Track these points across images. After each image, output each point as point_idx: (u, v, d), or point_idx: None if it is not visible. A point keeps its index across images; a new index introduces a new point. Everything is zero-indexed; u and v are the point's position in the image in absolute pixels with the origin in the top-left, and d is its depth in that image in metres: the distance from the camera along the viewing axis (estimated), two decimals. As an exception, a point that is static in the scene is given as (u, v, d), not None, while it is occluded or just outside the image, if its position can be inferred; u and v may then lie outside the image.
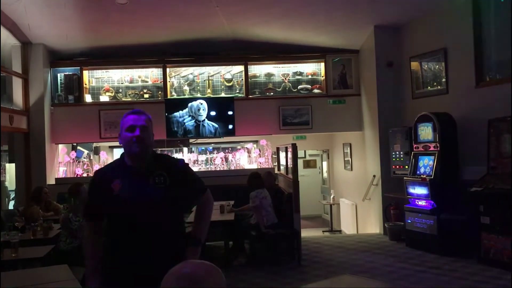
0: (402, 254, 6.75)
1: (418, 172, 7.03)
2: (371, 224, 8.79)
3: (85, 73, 9.03)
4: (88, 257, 2.50)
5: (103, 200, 2.43)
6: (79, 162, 8.83)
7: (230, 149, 9.50)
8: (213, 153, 9.29)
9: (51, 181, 8.39)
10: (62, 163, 8.81)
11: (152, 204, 2.39)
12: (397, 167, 7.73)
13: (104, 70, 9.18)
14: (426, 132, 6.95)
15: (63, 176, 8.66)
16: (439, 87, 7.44)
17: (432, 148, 6.85)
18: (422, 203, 6.85)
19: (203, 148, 10.12)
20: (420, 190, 6.85)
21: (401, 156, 7.65)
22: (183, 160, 2.68)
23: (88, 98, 8.99)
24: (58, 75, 8.98)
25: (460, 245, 6.45)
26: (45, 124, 8.48)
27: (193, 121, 8.60)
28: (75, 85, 8.90)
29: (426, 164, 6.93)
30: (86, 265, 2.51)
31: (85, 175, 8.53)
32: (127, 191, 2.39)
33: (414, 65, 7.92)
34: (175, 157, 3.75)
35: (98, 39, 8.52)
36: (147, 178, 2.43)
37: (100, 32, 8.22)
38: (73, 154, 8.78)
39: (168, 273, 1.44)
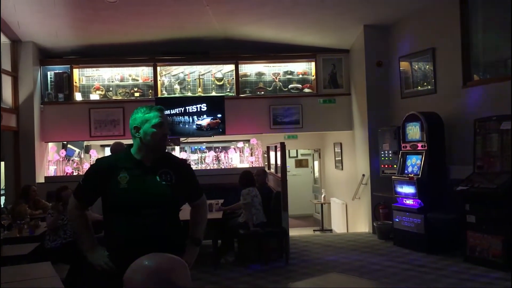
0: (389, 252, 6.79)
1: (406, 171, 7.07)
2: (361, 223, 8.83)
3: (75, 71, 9.01)
4: (82, 238, 2.56)
5: (105, 190, 2.45)
6: (69, 160, 8.81)
7: (220, 148, 9.51)
8: (205, 152, 9.30)
9: (40, 179, 8.36)
10: (52, 161, 8.79)
11: (157, 199, 2.45)
12: (386, 166, 7.77)
13: (94, 69, 9.16)
14: (414, 131, 7.00)
15: (53, 175, 8.64)
16: (429, 87, 7.49)
17: (420, 148, 6.89)
18: (409, 202, 6.89)
19: (196, 147, 10.13)
20: (408, 189, 6.90)
21: (390, 155, 7.69)
22: (185, 159, 2.76)
23: (78, 97, 8.98)
24: (48, 73, 8.95)
25: (446, 243, 6.51)
26: (35, 122, 8.45)
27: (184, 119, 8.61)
28: (65, 83, 8.88)
29: (414, 163, 6.97)
30: (83, 247, 2.53)
31: (75, 173, 8.52)
32: (134, 184, 2.43)
33: (404, 64, 7.96)
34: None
35: (88, 37, 8.51)
36: (154, 174, 2.48)
37: (91, 30, 8.21)
38: (63, 152, 8.76)
39: (130, 267, 1.45)
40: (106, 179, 2.43)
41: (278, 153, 7.29)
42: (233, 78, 9.13)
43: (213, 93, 9.09)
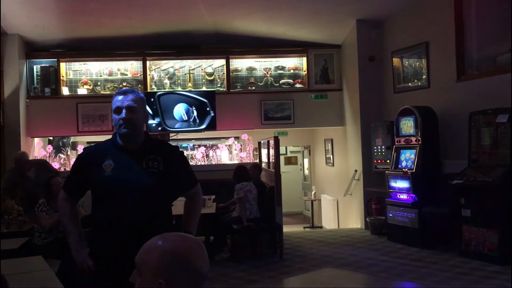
0: (383, 247, 6.74)
1: (399, 166, 7.04)
2: (353, 219, 8.79)
3: (62, 65, 8.80)
4: (69, 231, 2.45)
5: (91, 179, 2.36)
6: (56, 156, 8.62)
7: (210, 145, 9.40)
8: (195, 150, 9.17)
9: (26, 175, 8.14)
10: (38, 157, 8.57)
11: (143, 187, 2.32)
12: (379, 161, 7.73)
13: (82, 63, 8.96)
14: (407, 125, 6.96)
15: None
16: (419, 83, 7.47)
17: (413, 142, 6.86)
18: (403, 196, 6.85)
19: (185, 145, 9.99)
20: (402, 184, 6.86)
21: (383, 150, 7.66)
22: (178, 146, 2.63)
23: (65, 91, 8.78)
24: (34, 67, 8.72)
25: (441, 238, 6.49)
26: (21, 117, 8.23)
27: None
28: (51, 77, 8.66)
29: (408, 157, 6.94)
30: (69, 241, 2.44)
31: (62, 169, 8.32)
32: (119, 172, 2.33)
33: (396, 61, 7.93)
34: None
35: (76, 30, 8.32)
36: (140, 160, 2.36)
37: (78, 23, 8.02)
38: (50, 148, 8.56)
39: (143, 248, 1.34)
40: (92, 168, 2.35)
41: (271, 148, 7.21)
42: (224, 73, 9.01)
43: (204, 88, 8.97)
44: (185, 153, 9.05)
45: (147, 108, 2.51)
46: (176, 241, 1.34)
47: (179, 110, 8.49)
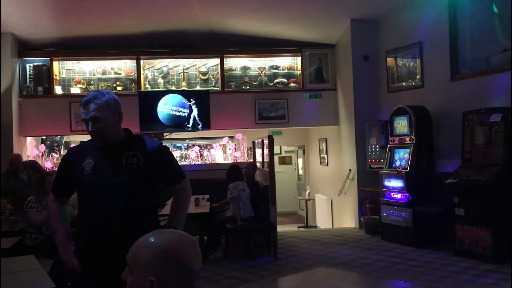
0: (378, 247, 6.75)
1: (393, 165, 7.04)
2: (347, 219, 8.79)
3: (55, 64, 8.75)
4: (56, 231, 2.46)
5: (73, 178, 2.36)
6: (49, 155, 8.56)
7: (205, 145, 9.37)
8: (189, 149, 9.14)
9: (19, 175, 8.08)
10: (31, 156, 8.51)
11: (123, 185, 2.30)
12: (373, 160, 7.74)
13: (75, 61, 8.91)
14: (401, 125, 6.97)
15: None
16: (413, 83, 7.49)
17: (407, 141, 6.87)
18: (397, 196, 6.86)
19: (179, 144, 9.95)
20: (396, 183, 6.87)
21: (377, 149, 7.66)
22: (161, 142, 2.59)
23: (58, 90, 8.72)
24: (27, 65, 8.65)
25: (435, 237, 6.50)
26: (13, 116, 8.17)
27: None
28: (44, 76, 8.60)
29: (402, 157, 6.94)
30: (56, 241, 2.44)
31: (55, 169, 8.27)
32: (98, 170, 2.31)
33: (390, 60, 7.94)
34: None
35: (69, 29, 8.26)
36: (119, 157, 2.34)
37: (72, 22, 7.97)
38: (42, 147, 8.50)
39: (135, 245, 1.32)
40: (74, 167, 2.36)
41: (265, 148, 7.20)
42: (218, 72, 8.99)
43: (198, 88, 8.94)
44: (179, 152, 9.04)
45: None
46: (168, 238, 1.31)
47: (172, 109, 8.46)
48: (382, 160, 7.40)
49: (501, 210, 5.53)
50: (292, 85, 9.10)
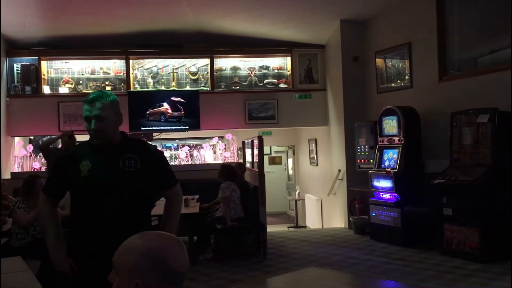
0: (367, 246, 6.78)
1: (382, 166, 7.07)
2: (336, 219, 8.82)
3: (44, 64, 8.68)
4: (47, 232, 2.42)
5: (69, 180, 2.35)
6: (36, 156, 8.48)
7: (195, 145, 9.35)
8: (179, 149, 9.12)
9: (6, 175, 8.00)
10: (18, 156, 8.44)
11: (120, 187, 2.31)
12: (362, 161, 7.76)
13: (63, 61, 8.84)
14: (390, 125, 7.00)
15: (19, 171, 8.29)
16: (402, 84, 7.53)
17: (396, 142, 6.90)
18: (386, 196, 6.89)
19: (169, 144, 9.92)
20: (385, 183, 6.90)
21: (366, 150, 7.69)
22: (156, 146, 2.59)
23: (46, 90, 8.65)
24: (15, 65, 8.58)
25: (423, 237, 6.54)
26: (1, 116, 8.05)
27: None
28: (32, 75, 8.53)
29: (391, 157, 6.98)
30: (47, 242, 2.42)
31: (43, 169, 8.19)
32: (96, 172, 2.31)
33: (379, 61, 7.98)
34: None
35: (57, 28, 8.19)
36: (117, 160, 2.35)
37: (60, 20, 7.89)
38: (30, 147, 8.43)
39: (121, 247, 1.31)
40: (70, 169, 2.35)
41: (255, 148, 7.19)
42: (208, 72, 8.97)
43: (188, 88, 8.92)
44: (169, 153, 9.02)
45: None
46: (153, 240, 1.31)
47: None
48: (371, 161, 7.43)
49: (488, 210, 5.58)
50: (282, 85, 9.11)
